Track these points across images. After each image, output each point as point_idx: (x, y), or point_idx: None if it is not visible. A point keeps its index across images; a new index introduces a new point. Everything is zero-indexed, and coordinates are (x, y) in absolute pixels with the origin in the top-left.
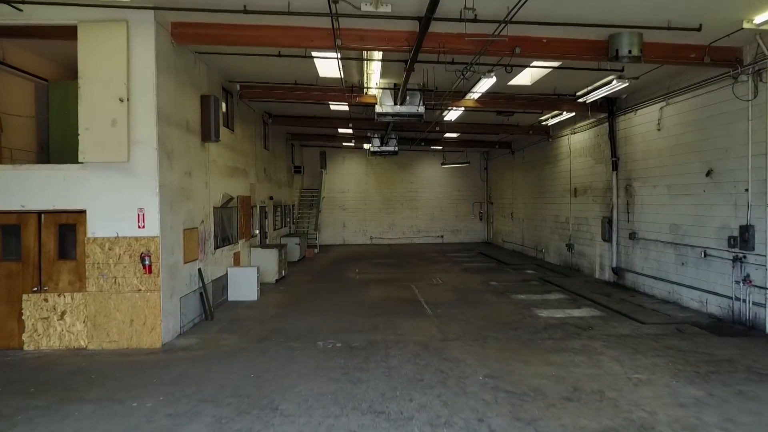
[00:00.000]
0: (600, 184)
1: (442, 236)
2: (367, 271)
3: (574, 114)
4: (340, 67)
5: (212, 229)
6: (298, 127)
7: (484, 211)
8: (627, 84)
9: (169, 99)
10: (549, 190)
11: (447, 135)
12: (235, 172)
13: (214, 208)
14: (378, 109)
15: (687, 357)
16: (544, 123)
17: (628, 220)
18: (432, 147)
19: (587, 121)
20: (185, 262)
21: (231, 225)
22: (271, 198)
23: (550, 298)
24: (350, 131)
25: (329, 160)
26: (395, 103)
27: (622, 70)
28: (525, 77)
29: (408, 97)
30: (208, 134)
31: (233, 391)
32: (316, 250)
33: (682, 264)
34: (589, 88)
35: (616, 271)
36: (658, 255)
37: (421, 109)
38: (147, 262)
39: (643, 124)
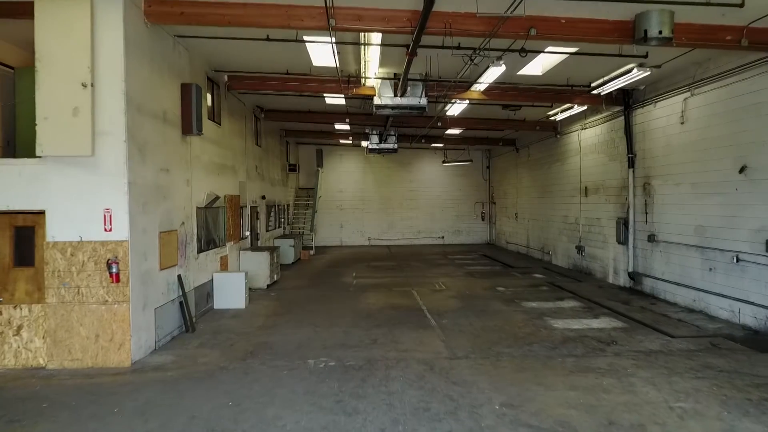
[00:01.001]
0: (614, 182)
1: (442, 237)
2: (364, 274)
3: (585, 108)
4: (335, 53)
5: (195, 232)
6: (292, 123)
7: (487, 211)
8: (649, 73)
9: (142, 86)
10: (557, 189)
11: (449, 131)
12: (222, 170)
13: (197, 208)
14: (377, 101)
15: (732, 379)
16: (552, 118)
17: (647, 221)
18: (433, 144)
19: (600, 116)
20: (162, 269)
21: (217, 226)
22: (263, 197)
23: (564, 305)
24: (347, 127)
25: (326, 158)
26: (395, 95)
27: (646, 56)
28: (536, 67)
29: (409, 88)
30: (189, 127)
31: (205, 425)
32: (312, 252)
33: (710, 269)
34: (606, 78)
35: (633, 275)
36: (681, 259)
37: (424, 101)
38: (114, 270)
39: (663, 117)
